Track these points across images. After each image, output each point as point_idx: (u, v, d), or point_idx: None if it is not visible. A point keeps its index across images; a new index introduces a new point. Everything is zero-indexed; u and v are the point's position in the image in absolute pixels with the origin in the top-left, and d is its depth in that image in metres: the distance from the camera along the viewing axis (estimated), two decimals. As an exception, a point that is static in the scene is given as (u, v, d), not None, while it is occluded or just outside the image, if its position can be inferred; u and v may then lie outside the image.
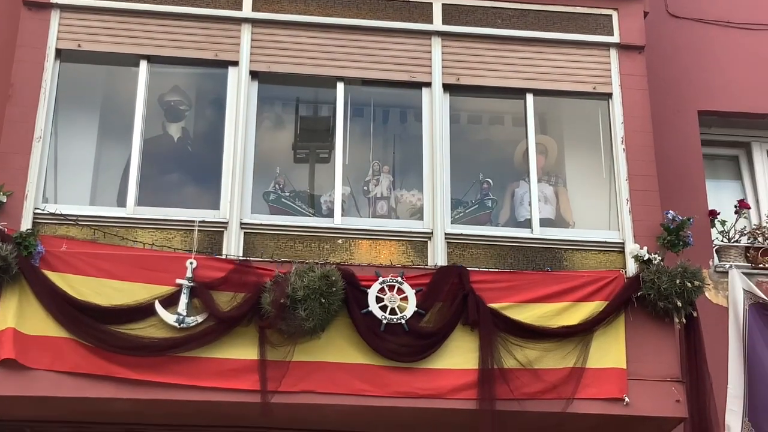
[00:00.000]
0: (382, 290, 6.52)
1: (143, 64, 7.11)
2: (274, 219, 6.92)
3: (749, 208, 8.18)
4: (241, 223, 6.77)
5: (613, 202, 7.23)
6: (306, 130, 7.69)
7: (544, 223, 7.14)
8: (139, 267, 6.42)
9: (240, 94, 7.06)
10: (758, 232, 7.97)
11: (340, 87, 7.25)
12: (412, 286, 6.56)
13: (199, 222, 6.68)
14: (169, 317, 6.30)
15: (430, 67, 7.29)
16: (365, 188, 7.36)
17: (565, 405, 6.45)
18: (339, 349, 6.42)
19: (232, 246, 6.68)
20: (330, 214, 7.03)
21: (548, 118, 7.83)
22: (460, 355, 6.50)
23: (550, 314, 6.66)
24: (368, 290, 6.49)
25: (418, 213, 7.15)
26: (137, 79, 7.07)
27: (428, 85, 7.28)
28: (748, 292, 7.61)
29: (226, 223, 6.75)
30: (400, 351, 6.42)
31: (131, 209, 6.74)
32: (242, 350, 6.31)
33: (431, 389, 6.40)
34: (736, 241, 7.94)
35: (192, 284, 6.37)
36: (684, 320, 6.73)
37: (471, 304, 6.53)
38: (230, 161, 6.90)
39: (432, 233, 6.89)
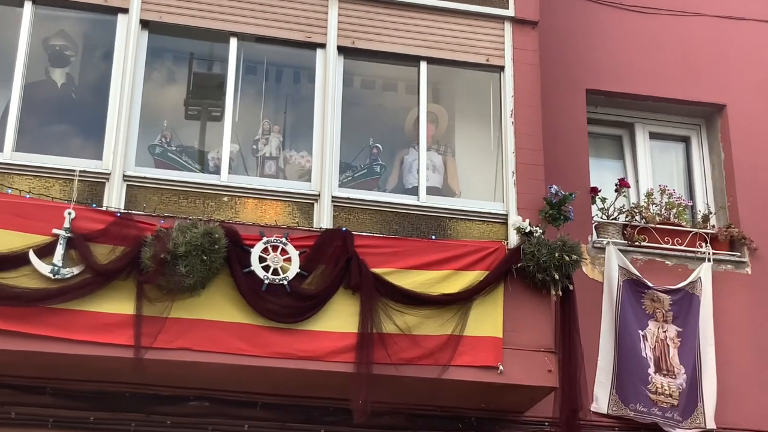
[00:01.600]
0: (265, 250, 6.47)
1: (28, 5, 6.86)
2: (159, 173, 6.78)
3: (629, 187, 8.40)
4: (124, 176, 6.62)
5: (499, 174, 7.33)
6: (199, 86, 7.55)
7: (431, 191, 7.19)
8: (13, 214, 6.22)
9: (129, 43, 6.88)
10: (636, 210, 8.20)
11: (233, 43, 7.13)
12: (296, 247, 6.53)
13: (80, 172, 6.51)
14: (43, 267, 6.13)
15: (326, 28, 7.24)
16: (254, 147, 7.28)
17: (441, 371, 6.54)
18: (218, 308, 6.36)
19: (114, 198, 6.53)
20: (217, 171, 6.93)
21: (441, 87, 7.87)
22: (340, 318, 6.52)
23: (431, 281, 6.73)
24: (251, 249, 6.44)
25: (306, 175, 7.11)
26: (21, 20, 6.81)
27: (323, 46, 7.22)
28: (622, 269, 7.87)
29: (109, 174, 6.59)
30: (281, 312, 6.40)
31: (8, 154, 6.52)
32: (118, 304, 6.19)
33: (310, 351, 6.40)
34: (615, 219, 8.15)
35: (69, 235, 6.20)
36: (560, 293, 6.87)
37: (354, 268, 6.55)
38: (116, 111, 6.73)
39: (319, 196, 6.87)
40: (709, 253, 8.08)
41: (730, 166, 8.51)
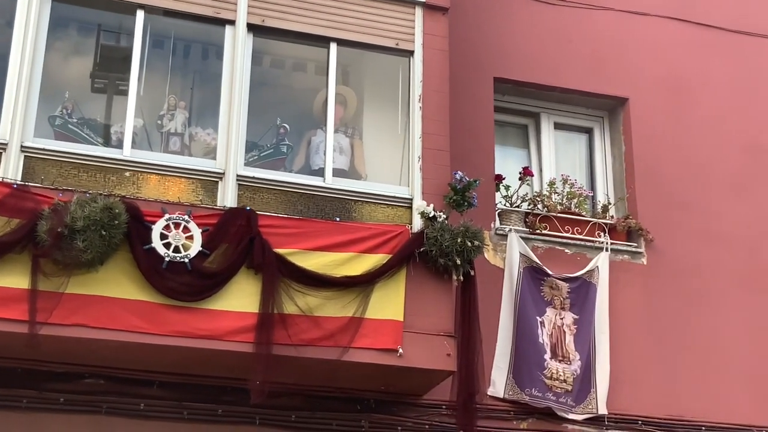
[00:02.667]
0: (167, 227, 6.38)
1: None
2: (58, 145, 6.62)
3: (533, 175, 8.53)
4: (22, 146, 6.44)
5: (405, 158, 7.36)
6: (106, 58, 7.38)
7: (337, 173, 7.18)
8: None
9: (31, 10, 6.68)
10: (538, 199, 8.33)
11: (140, 15, 6.99)
12: (198, 225, 6.45)
13: (-25, 141, 6.32)
14: (-66, 239, 5.94)
15: (236, 5, 7.15)
16: (159, 123, 7.16)
17: (341, 353, 6.56)
18: (117, 284, 6.25)
19: (10, 169, 6.35)
20: (120, 145, 6.80)
21: (351, 69, 7.86)
22: (241, 297, 6.48)
23: (334, 263, 6.73)
24: (153, 226, 6.34)
25: (211, 153, 7.03)
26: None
27: (232, 23, 7.13)
28: (523, 256, 7.99)
29: (6, 144, 6.40)
30: (181, 290, 6.33)
31: None
32: (12, 278, 6.03)
33: (209, 330, 6.35)
34: (518, 207, 8.27)
35: (-38, 206, 6.02)
36: (461, 278, 6.95)
37: (257, 247, 6.51)
38: (14, 80, 6.53)
39: (224, 174, 6.80)
40: (607, 243, 8.27)
41: (631, 158, 8.71)
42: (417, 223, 7.00)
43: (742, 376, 8.22)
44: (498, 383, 7.64)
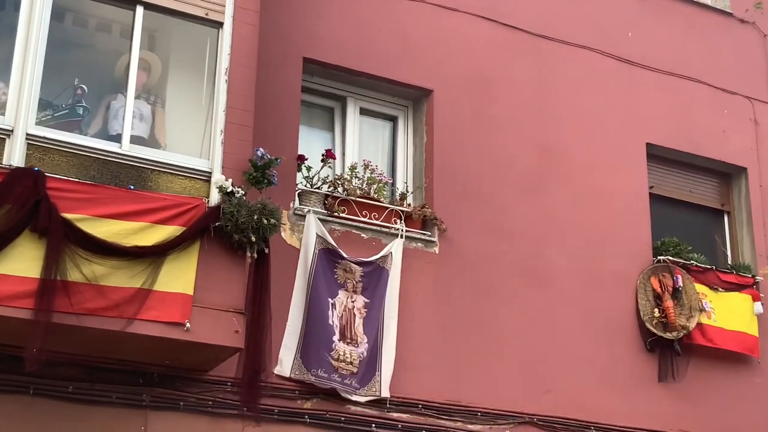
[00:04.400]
0: (-55, 183, 6.02)
1: None
2: None
3: (335, 158, 8.58)
4: None
5: (207, 131, 7.24)
6: None
7: (135, 140, 6.98)
8: None
9: None
10: (339, 182, 8.40)
11: (-69, -45, 6.56)
12: (-18, 183, 6.13)
13: None
14: None
15: (39, -45, 6.82)
16: (-55, 73, 6.75)
17: (125, 324, 6.39)
18: None
19: None
20: None
21: (158, 35, 7.64)
22: (23, 261, 6.20)
23: (125, 232, 6.54)
24: (-72, 180, 5.97)
25: (1, 108, 6.67)
26: None
27: (32, -26, 6.80)
28: (320, 237, 8.04)
29: None
30: (-44, 250, 5.99)
31: None
32: None
33: (-15, 294, 6.05)
34: (318, 188, 8.30)
35: None
36: (255, 255, 6.91)
37: (43, 210, 6.24)
38: None
39: (12, 131, 6.48)
40: (402, 230, 8.43)
41: (431, 149, 8.90)
42: (214, 198, 6.91)
43: (517, 365, 8.60)
44: (285, 362, 7.67)
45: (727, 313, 9.42)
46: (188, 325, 6.59)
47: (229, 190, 6.88)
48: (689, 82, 10.21)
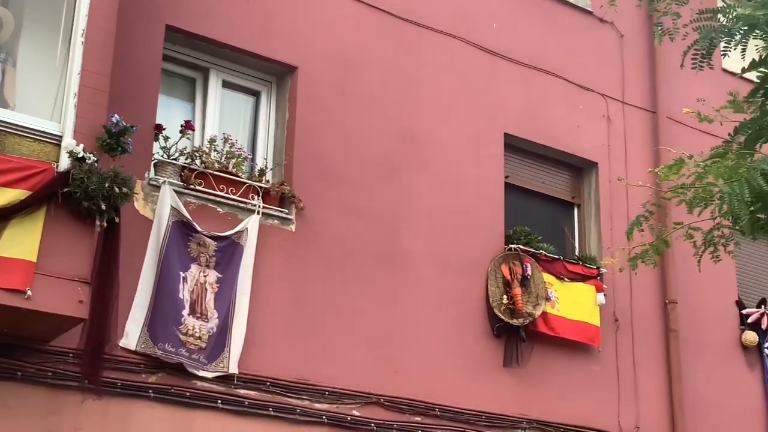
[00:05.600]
0: None
1: None
2: None
3: (193, 130, 8.43)
4: None
5: (60, 93, 6.98)
6: None
7: (-17, 99, 6.69)
8: None
9: None
10: (197, 154, 8.25)
11: None
12: None
13: None
14: None
15: None
16: None
17: (-40, 290, 6.13)
18: None
19: None
20: None
21: (13, -9, 7.33)
22: None
23: (-31, 195, 6.27)
24: None
25: None
26: None
27: None
28: (174, 209, 7.90)
29: None
30: None
31: None
32: None
33: None
34: (175, 159, 8.14)
35: None
36: (105, 224, 6.72)
37: None
38: None
39: None
40: (259, 207, 8.36)
41: (293, 126, 8.84)
42: (64, 162, 6.66)
43: (366, 346, 8.67)
44: (131, 335, 7.50)
45: (570, 302, 9.73)
46: (29, 292, 6.36)
47: (80, 156, 6.65)
48: (548, 77, 10.47)
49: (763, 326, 11.04)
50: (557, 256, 9.91)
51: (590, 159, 10.57)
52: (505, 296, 9.40)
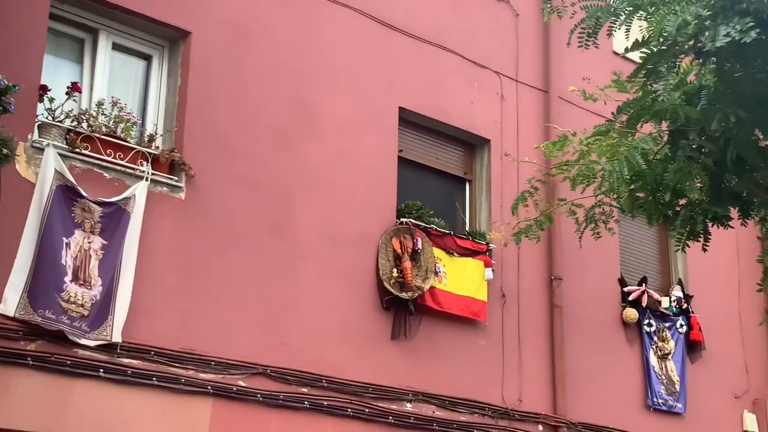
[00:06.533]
0: None
1: None
2: None
3: (80, 92, 8.18)
4: None
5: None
6: None
7: None
8: None
9: None
10: (84, 117, 8.04)
11: None
12: None
13: None
14: None
15: None
16: None
17: None
18: None
19: None
20: None
21: None
22: None
23: None
24: None
25: None
26: None
27: None
28: (59, 173, 7.70)
29: None
30: None
31: None
32: None
33: None
34: (60, 122, 7.92)
35: None
36: (-22, 186, 6.52)
37: None
38: None
39: None
40: (148, 173, 8.20)
41: (185, 93, 8.68)
42: (-60, 121, 6.43)
43: (254, 316, 8.63)
44: (10, 301, 7.30)
45: (457, 277, 9.85)
46: None
47: (-43, 114, 6.43)
48: (444, 52, 10.51)
49: (644, 304, 11.39)
50: (448, 231, 10.01)
51: (483, 136, 10.68)
52: (395, 269, 9.46)
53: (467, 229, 10.44)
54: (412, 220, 9.76)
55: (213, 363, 8.24)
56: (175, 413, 7.95)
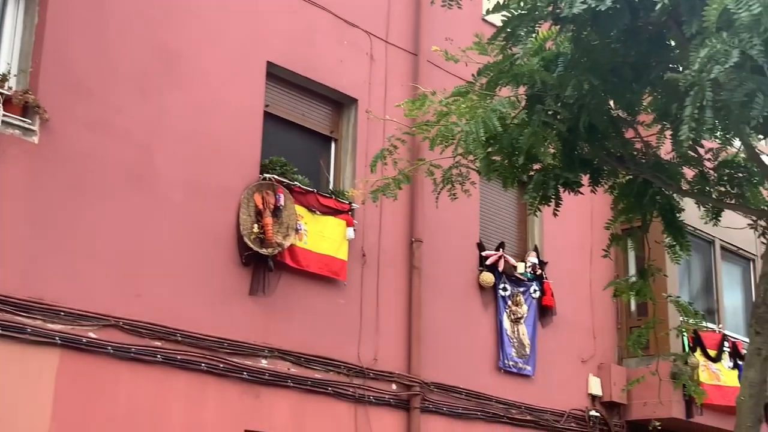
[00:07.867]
0: None
1: None
2: None
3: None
4: None
5: None
6: None
7: None
8: None
9: None
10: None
11: None
12: None
13: None
14: None
15: None
16: None
17: None
18: None
19: None
20: None
21: None
22: None
23: None
24: None
25: None
26: None
27: None
28: None
29: None
30: None
31: None
32: None
33: None
34: None
35: None
36: None
37: None
38: None
39: None
40: (-1, 115, 7.89)
41: (42, 33, 8.36)
42: None
43: (108, 267, 8.43)
44: None
45: (318, 236, 9.83)
46: None
47: None
48: (315, 8, 10.41)
49: (500, 268, 11.64)
50: (311, 189, 9.97)
51: (350, 95, 10.65)
52: (255, 225, 9.38)
53: (331, 188, 10.43)
54: (276, 176, 9.68)
55: (63, 313, 8.03)
56: (19, 363, 7.72)
